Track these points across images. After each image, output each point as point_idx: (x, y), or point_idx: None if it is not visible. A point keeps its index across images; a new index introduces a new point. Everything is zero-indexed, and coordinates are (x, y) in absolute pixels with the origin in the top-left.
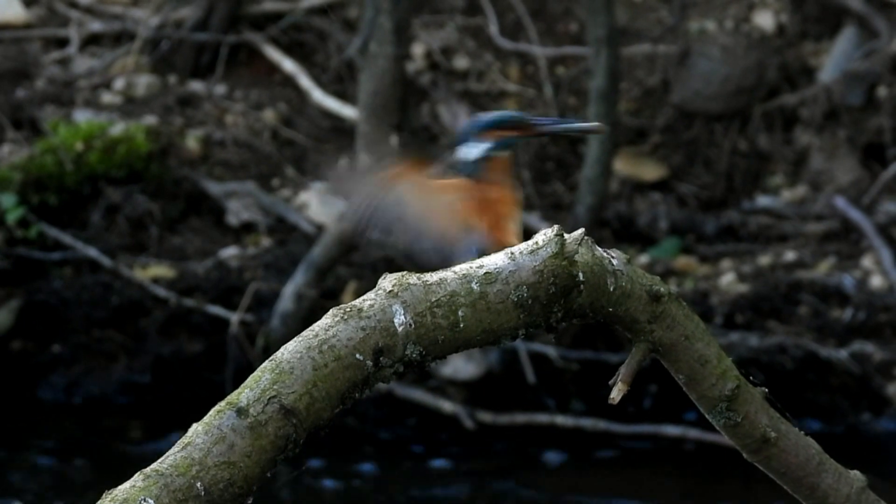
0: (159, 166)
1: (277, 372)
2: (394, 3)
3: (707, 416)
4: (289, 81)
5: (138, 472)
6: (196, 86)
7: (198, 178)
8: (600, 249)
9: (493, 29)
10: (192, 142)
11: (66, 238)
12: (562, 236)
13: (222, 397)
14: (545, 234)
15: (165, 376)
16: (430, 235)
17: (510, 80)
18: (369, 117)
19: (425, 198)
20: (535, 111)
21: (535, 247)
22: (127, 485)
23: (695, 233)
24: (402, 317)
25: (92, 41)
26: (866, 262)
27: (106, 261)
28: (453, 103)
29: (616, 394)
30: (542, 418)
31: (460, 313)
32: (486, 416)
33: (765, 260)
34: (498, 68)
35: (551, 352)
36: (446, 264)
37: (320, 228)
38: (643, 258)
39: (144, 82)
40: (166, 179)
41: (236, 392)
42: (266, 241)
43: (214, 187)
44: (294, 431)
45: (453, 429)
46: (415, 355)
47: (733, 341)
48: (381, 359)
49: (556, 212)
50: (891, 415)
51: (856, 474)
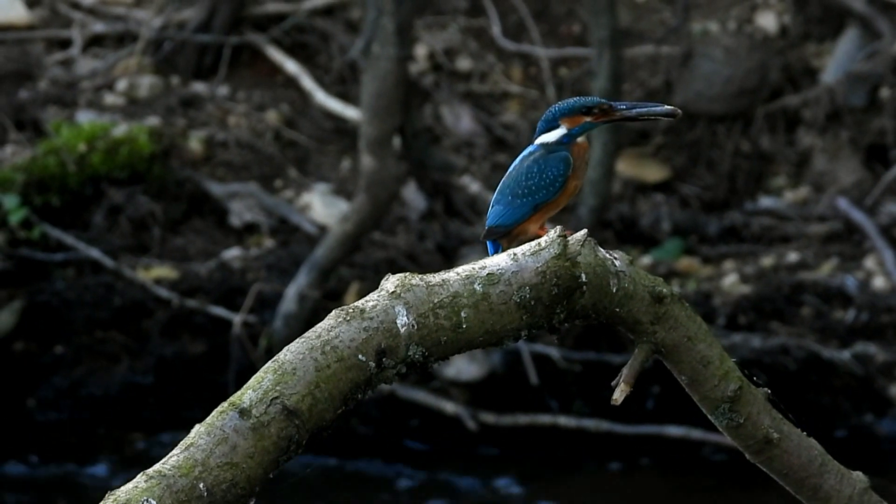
0: (162, 167)
1: (280, 373)
2: (396, 5)
3: (709, 417)
4: (291, 83)
5: (141, 473)
6: (199, 87)
7: (200, 179)
8: (603, 251)
9: (496, 30)
10: (194, 143)
11: (69, 239)
12: (564, 238)
13: (225, 398)
14: (548, 236)
15: (168, 377)
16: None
17: (513, 82)
18: (372, 118)
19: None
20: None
21: (537, 248)
22: (129, 485)
23: (697, 234)
24: (405, 318)
25: (95, 42)
26: (869, 263)
27: (108, 262)
28: (456, 104)
29: (619, 395)
30: (545, 419)
31: (463, 314)
32: (488, 417)
33: (767, 261)
34: (501, 69)
35: (554, 353)
36: None
37: (323, 229)
38: (646, 259)
39: (147, 83)
40: (169, 180)
41: (239, 393)
42: (269, 242)
43: (217, 188)
44: (296, 432)
45: (456, 430)
46: (417, 356)
47: (736, 342)
48: (383, 360)
49: (558, 213)
50: (893, 416)
51: (858, 475)
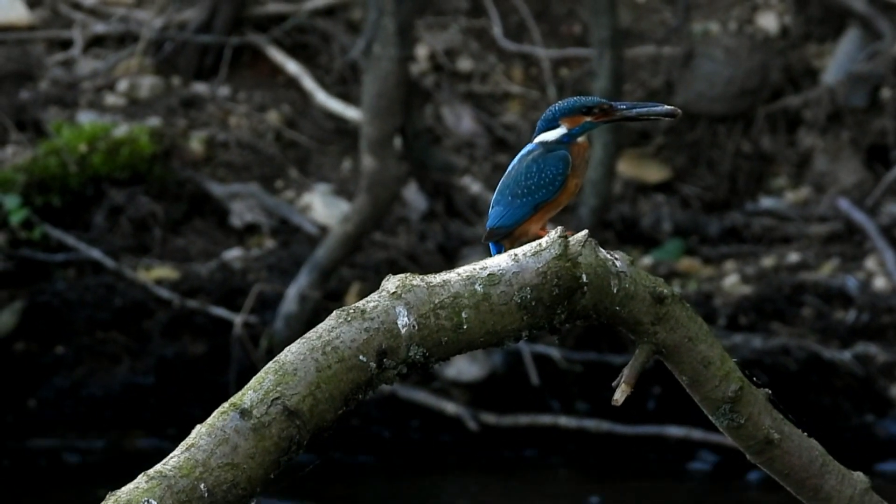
0: (163, 168)
1: (281, 373)
2: (397, 5)
3: (710, 417)
4: (292, 83)
5: (142, 474)
6: (199, 87)
7: (201, 180)
8: (604, 251)
9: (497, 31)
10: (195, 143)
11: (70, 239)
12: (565, 238)
13: (226, 399)
14: (549, 237)
15: (169, 378)
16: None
17: (514, 82)
18: (373, 119)
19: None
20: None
21: (538, 249)
22: (131, 486)
23: (698, 234)
24: (406, 318)
25: (95, 43)
26: (870, 263)
27: (109, 262)
28: (457, 105)
29: (619, 395)
30: (546, 420)
31: (464, 315)
32: (489, 418)
33: (768, 261)
34: (501, 70)
35: (555, 353)
36: None
37: (324, 230)
38: (646, 260)
39: (148, 84)
40: (170, 181)
41: (240, 393)
42: (269, 243)
43: (218, 189)
44: (297, 433)
45: (457, 430)
46: (418, 357)
47: (737, 343)
48: (384, 360)
49: (559, 213)
50: (894, 416)
51: (859, 476)
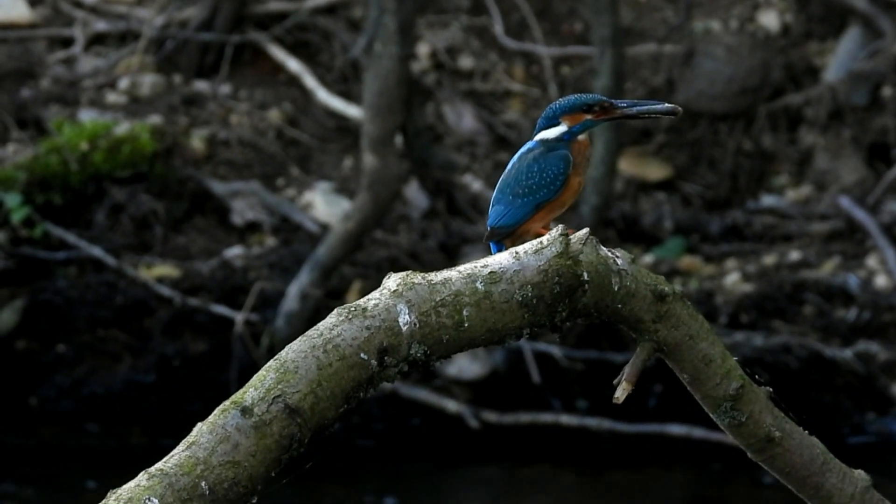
0: (164, 166)
1: (282, 371)
2: (398, 3)
3: (711, 415)
4: (293, 81)
5: (143, 472)
6: (201, 85)
7: (202, 178)
8: (605, 249)
9: (498, 29)
10: (196, 141)
11: (71, 237)
12: (566, 236)
13: (227, 397)
14: (550, 234)
15: (170, 376)
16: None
17: (515, 80)
18: (374, 117)
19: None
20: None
21: (539, 246)
22: (131, 484)
23: (699, 232)
24: (407, 316)
25: (97, 41)
26: (871, 261)
27: (110, 260)
28: (458, 103)
29: (620, 393)
30: (547, 418)
31: (465, 313)
32: (490, 416)
33: (769, 260)
34: (503, 68)
35: (556, 351)
36: None
37: (325, 228)
38: (648, 258)
39: (149, 82)
40: (171, 179)
41: (241, 391)
42: (271, 241)
43: (219, 187)
44: (299, 431)
45: (458, 428)
46: (419, 355)
47: (738, 341)
48: (385, 358)
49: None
50: (895, 414)
51: (860, 474)
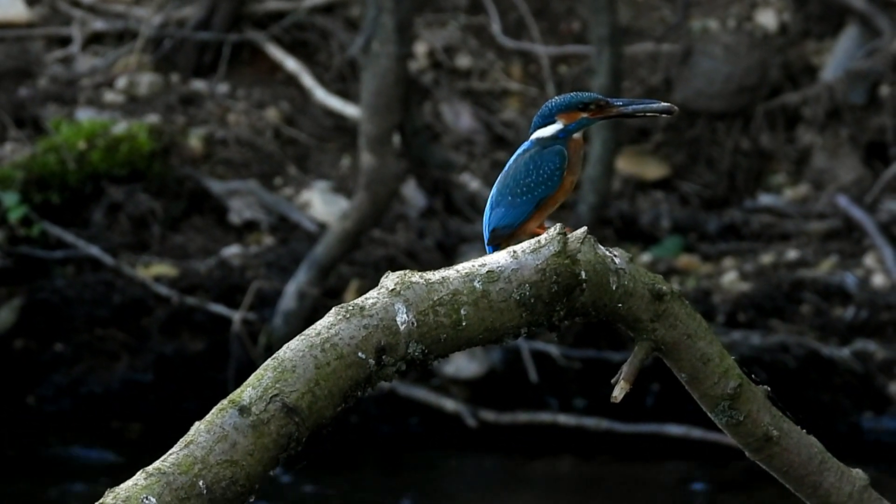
0: (162, 165)
1: (280, 370)
2: (396, 3)
3: (709, 414)
4: (291, 80)
5: (140, 471)
6: (198, 84)
7: (200, 177)
8: (603, 248)
9: (496, 28)
10: (194, 140)
11: (69, 236)
12: (564, 235)
13: (224, 396)
14: (548, 233)
15: (167, 375)
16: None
17: (513, 79)
18: (372, 116)
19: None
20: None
21: (537, 245)
22: (129, 483)
23: (697, 231)
24: (405, 315)
25: (94, 40)
26: (868, 260)
27: (108, 259)
28: (456, 102)
29: (618, 392)
30: (545, 417)
31: (463, 312)
32: (488, 415)
33: (767, 258)
34: (500, 67)
35: (554, 350)
36: None
37: (323, 227)
38: (645, 257)
39: (147, 81)
40: (169, 178)
41: (238, 390)
42: (268, 240)
43: (217, 186)
44: (296, 430)
45: (456, 427)
46: (417, 354)
47: (735, 340)
48: (383, 357)
49: (558, 210)
50: (893, 413)
51: (858, 473)
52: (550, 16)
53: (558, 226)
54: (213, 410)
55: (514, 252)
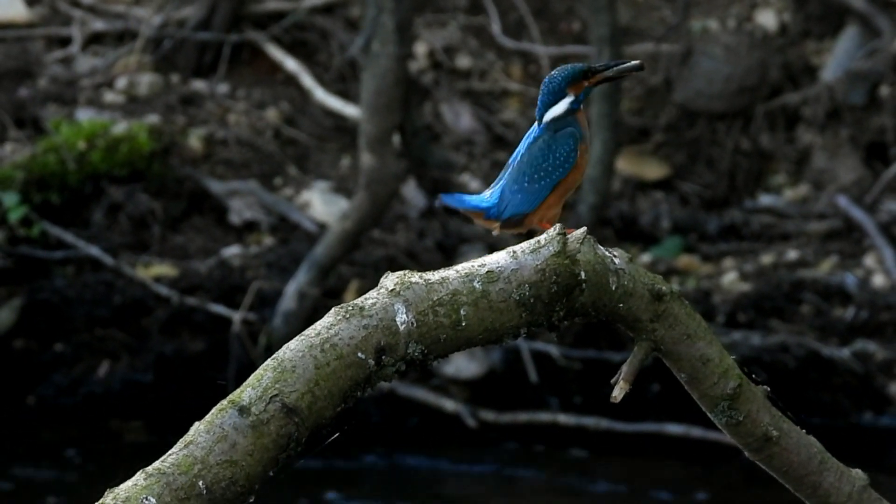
0: (162, 165)
1: (279, 370)
2: (396, 3)
3: (709, 414)
4: (291, 80)
5: (140, 471)
6: (198, 85)
7: (200, 177)
8: (602, 248)
9: (496, 28)
10: (194, 141)
11: (69, 237)
12: (564, 235)
13: (224, 396)
14: (547, 233)
15: (167, 375)
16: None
17: (512, 79)
18: (372, 116)
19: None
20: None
21: (537, 245)
22: (129, 483)
23: (697, 232)
24: (404, 315)
25: (94, 40)
26: (868, 261)
27: (108, 259)
28: (456, 102)
29: (618, 392)
30: (545, 417)
31: (462, 312)
32: (488, 415)
33: (767, 259)
34: (500, 67)
35: (553, 350)
36: None
37: (323, 227)
38: (645, 257)
39: (147, 81)
40: (169, 178)
41: (238, 391)
42: (268, 240)
43: (217, 186)
44: (296, 430)
45: (456, 428)
46: (417, 354)
47: (735, 340)
48: (382, 357)
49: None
50: (893, 413)
51: (857, 473)
52: (550, 16)
53: (558, 226)
54: (212, 411)
55: (514, 252)
